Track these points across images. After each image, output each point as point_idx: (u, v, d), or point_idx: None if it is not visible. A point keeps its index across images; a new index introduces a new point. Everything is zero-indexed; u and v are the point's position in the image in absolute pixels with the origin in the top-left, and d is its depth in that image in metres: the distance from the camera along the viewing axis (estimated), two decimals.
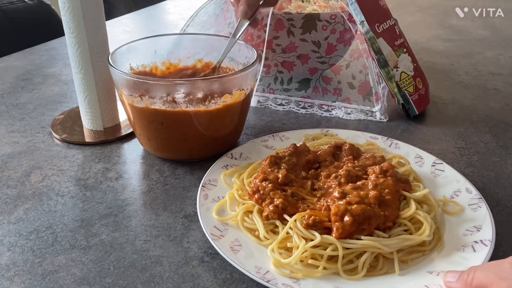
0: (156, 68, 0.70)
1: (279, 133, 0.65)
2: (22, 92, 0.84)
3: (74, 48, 0.64)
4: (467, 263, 0.43)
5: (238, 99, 0.60)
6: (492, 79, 0.93)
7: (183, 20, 1.26)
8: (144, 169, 0.62)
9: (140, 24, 1.37)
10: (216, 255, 0.47)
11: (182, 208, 0.54)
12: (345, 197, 0.48)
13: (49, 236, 0.50)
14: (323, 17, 0.74)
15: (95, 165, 0.62)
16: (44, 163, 0.63)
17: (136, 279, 0.44)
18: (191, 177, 0.60)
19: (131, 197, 0.56)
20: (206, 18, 0.86)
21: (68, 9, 0.62)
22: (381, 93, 0.75)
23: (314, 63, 0.79)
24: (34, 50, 1.06)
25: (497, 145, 0.69)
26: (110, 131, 0.70)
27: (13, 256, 0.47)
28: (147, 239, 0.49)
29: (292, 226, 0.46)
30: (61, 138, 0.68)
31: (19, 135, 0.70)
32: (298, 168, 0.55)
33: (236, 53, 0.67)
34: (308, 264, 0.44)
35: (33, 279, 0.44)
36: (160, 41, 0.70)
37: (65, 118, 0.74)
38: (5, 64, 0.98)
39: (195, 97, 0.58)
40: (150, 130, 0.59)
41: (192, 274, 0.45)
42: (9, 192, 0.57)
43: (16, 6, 1.19)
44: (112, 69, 0.58)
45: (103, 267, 0.46)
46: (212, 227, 0.48)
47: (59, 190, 0.57)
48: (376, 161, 0.56)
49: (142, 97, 0.57)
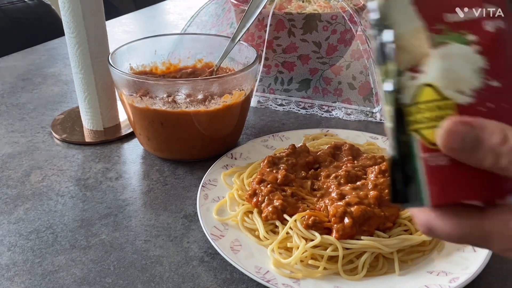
0: (156, 68, 0.70)
1: (279, 133, 0.65)
2: (22, 92, 0.84)
3: (74, 48, 0.64)
4: (467, 263, 0.43)
5: (238, 99, 0.60)
6: None
7: (183, 20, 1.26)
8: (144, 169, 0.62)
9: (140, 24, 1.37)
10: (216, 255, 0.47)
11: (182, 208, 0.54)
12: (344, 197, 0.48)
13: (49, 236, 0.50)
14: (324, 18, 0.74)
15: (95, 165, 0.62)
16: (44, 163, 0.63)
17: (136, 279, 0.44)
18: (191, 177, 0.60)
19: (131, 197, 0.56)
20: (207, 18, 0.86)
21: (68, 9, 0.62)
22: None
23: (315, 64, 0.79)
24: (34, 50, 1.06)
25: None
26: (110, 131, 0.70)
27: (13, 256, 0.47)
28: (147, 239, 0.49)
29: (292, 226, 0.46)
30: (61, 138, 0.68)
31: (19, 135, 0.70)
32: (297, 168, 0.55)
33: (236, 53, 0.67)
34: (308, 264, 0.44)
35: (33, 279, 0.44)
36: (160, 41, 0.70)
37: (65, 118, 0.74)
38: (5, 64, 0.98)
39: (195, 97, 0.58)
40: (150, 130, 0.59)
41: (192, 274, 0.45)
42: (9, 192, 0.57)
43: (16, 6, 1.19)
44: (112, 69, 0.58)
45: (103, 267, 0.46)
46: (212, 227, 0.48)
47: (59, 190, 0.57)
48: (376, 161, 0.56)
49: (143, 97, 0.57)
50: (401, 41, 0.27)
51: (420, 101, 0.26)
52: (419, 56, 0.26)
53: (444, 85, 0.26)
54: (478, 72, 0.26)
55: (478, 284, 0.43)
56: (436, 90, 0.26)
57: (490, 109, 0.25)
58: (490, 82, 0.26)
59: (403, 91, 0.26)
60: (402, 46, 0.27)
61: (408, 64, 0.26)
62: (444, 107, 0.26)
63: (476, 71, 0.26)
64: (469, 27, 0.27)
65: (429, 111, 0.26)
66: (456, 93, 0.26)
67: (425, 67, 0.26)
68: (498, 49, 0.26)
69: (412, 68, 0.26)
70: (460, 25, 0.27)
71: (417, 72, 0.26)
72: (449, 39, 0.26)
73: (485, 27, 0.27)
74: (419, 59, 0.26)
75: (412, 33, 0.27)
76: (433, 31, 0.26)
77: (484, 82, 0.26)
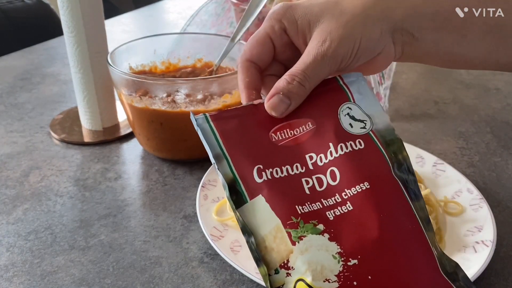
0: (156, 68, 0.70)
1: None
2: (21, 91, 0.84)
3: (73, 47, 0.64)
4: (469, 264, 0.43)
5: (238, 99, 0.59)
6: (493, 78, 0.93)
7: (182, 19, 1.25)
8: (143, 169, 0.61)
9: (139, 23, 1.37)
10: (216, 256, 0.47)
11: (181, 209, 0.54)
12: None
13: (48, 236, 0.49)
14: None
15: (94, 165, 0.62)
16: (43, 163, 0.62)
17: (135, 280, 0.44)
18: (191, 177, 0.59)
19: (130, 197, 0.56)
20: (207, 17, 0.86)
21: (67, 8, 0.61)
22: (382, 94, 0.75)
23: None
24: (33, 49, 1.06)
25: (498, 145, 0.68)
26: (109, 131, 0.69)
27: (12, 257, 0.47)
28: (146, 240, 0.49)
29: None
30: (60, 138, 0.68)
31: (18, 135, 0.69)
32: None
33: (236, 53, 0.67)
34: None
35: (32, 280, 0.44)
36: (160, 40, 0.70)
37: (64, 118, 0.73)
38: (3, 63, 0.97)
39: (195, 97, 0.57)
40: (150, 130, 0.59)
41: (191, 275, 0.44)
42: (7, 193, 0.56)
43: (15, 5, 1.19)
44: (111, 69, 0.58)
45: (102, 268, 0.45)
46: (212, 228, 0.47)
47: (58, 190, 0.57)
48: None
49: (142, 97, 0.57)
50: (266, 243, 0.30)
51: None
52: (285, 254, 0.29)
53: (312, 278, 0.28)
54: (337, 257, 0.29)
55: (479, 285, 0.43)
56: (306, 283, 0.28)
57: (357, 287, 0.28)
58: (349, 263, 0.28)
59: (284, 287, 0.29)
60: (269, 247, 0.30)
61: (278, 262, 0.29)
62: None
63: (335, 256, 0.29)
64: (316, 217, 0.30)
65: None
66: (324, 282, 0.28)
67: (292, 262, 0.29)
68: (345, 232, 0.29)
69: (283, 265, 0.29)
70: (309, 215, 0.30)
71: (288, 268, 0.29)
72: (305, 231, 0.29)
73: (328, 217, 0.30)
74: (285, 256, 0.29)
75: (273, 233, 0.30)
76: (290, 226, 0.30)
77: (344, 264, 0.28)
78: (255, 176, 0.31)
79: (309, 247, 0.29)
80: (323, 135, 0.33)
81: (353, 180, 0.31)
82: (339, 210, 0.30)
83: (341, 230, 0.29)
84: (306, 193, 0.31)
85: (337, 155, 0.32)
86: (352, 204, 0.30)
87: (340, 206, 0.30)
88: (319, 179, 0.32)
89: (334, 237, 0.29)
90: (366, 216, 0.30)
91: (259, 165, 0.32)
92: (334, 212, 0.30)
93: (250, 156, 0.32)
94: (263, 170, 0.32)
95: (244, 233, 0.30)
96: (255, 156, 0.32)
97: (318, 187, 0.31)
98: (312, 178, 0.32)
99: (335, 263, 0.28)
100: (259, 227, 0.30)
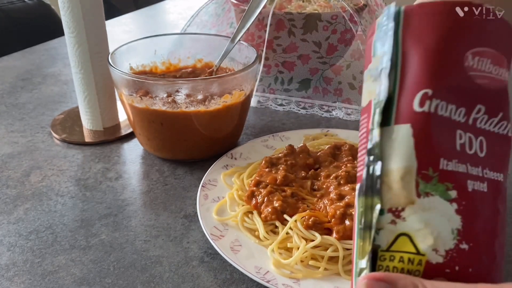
0: (156, 68, 0.70)
1: (279, 133, 0.65)
2: (21, 92, 0.84)
3: (74, 48, 0.64)
4: None
5: (238, 100, 0.59)
6: None
7: (183, 19, 1.26)
8: (144, 169, 0.62)
9: (140, 24, 1.37)
10: (216, 255, 0.47)
11: (182, 208, 0.54)
12: (343, 198, 0.48)
13: (49, 236, 0.50)
14: (324, 18, 0.74)
15: (95, 165, 0.62)
16: (44, 163, 0.63)
17: (136, 279, 0.44)
18: (191, 177, 0.59)
19: (131, 197, 0.56)
20: (207, 17, 0.86)
21: (67, 8, 0.62)
22: None
23: (315, 63, 0.79)
24: (33, 50, 1.06)
25: None
26: (109, 131, 0.69)
27: (13, 256, 0.47)
28: (147, 239, 0.49)
29: (292, 227, 0.46)
30: (60, 138, 0.68)
31: (19, 135, 0.70)
32: (297, 168, 0.55)
33: (236, 53, 0.67)
34: (308, 265, 0.44)
35: (32, 279, 0.44)
36: (160, 41, 0.70)
37: (65, 118, 0.74)
38: (4, 64, 0.97)
39: (195, 97, 0.58)
40: (150, 130, 0.59)
41: (192, 274, 0.45)
42: (8, 192, 0.57)
43: (15, 6, 1.19)
44: (111, 69, 0.58)
45: (103, 267, 0.45)
46: (212, 227, 0.48)
47: (58, 190, 0.57)
48: None
49: (142, 97, 0.57)
50: (389, 178, 0.26)
51: (395, 249, 0.25)
52: (402, 201, 0.26)
53: (421, 239, 0.25)
54: (455, 233, 0.25)
55: None
56: (412, 242, 0.25)
57: (456, 272, 0.25)
58: (461, 245, 0.25)
59: (381, 232, 0.26)
60: (389, 184, 0.26)
61: (391, 205, 0.26)
62: (415, 263, 0.25)
63: (453, 232, 0.25)
64: (454, 180, 0.26)
65: (400, 262, 0.25)
66: (431, 251, 0.25)
67: (406, 214, 0.25)
68: (474, 211, 0.26)
69: (394, 210, 0.26)
70: (448, 175, 0.26)
71: (398, 216, 0.26)
72: (434, 190, 0.25)
73: (468, 187, 0.26)
74: (402, 204, 0.26)
75: (402, 173, 0.26)
76: (423, 177, 0.25)
77: (456, 243, 0.25)
78: (416, 102, 0.26)
79: (433, 208, 0.25)
80: (505, 97, 0.27)
81: (494, 164, 0.27)
82: (477, 185, 0.26)
83: (471, 208, 0.26)
84: (457, 149, 0.26)
85: (494, 129, 0.27)
86: (488, 187, 0.26)
87: (479, 181, 0.26)
88: (471, 140, 0.26)
89: (462, 211, 0.25)
90: (492, 207, 0.26)
91: (428, 90, 0.25)
92: (474, 185, 0.26)
93: (427, 72, 0.26)
94: (430, 97, 0.25)
95: (371, 155, 0.26)
96: (433, 73, 0.26)
97: (468, 148, 0.26)
98: (466, 135, 0.26)
99: (451, 238, 0.25)
100: (389, 158, 0.25)
